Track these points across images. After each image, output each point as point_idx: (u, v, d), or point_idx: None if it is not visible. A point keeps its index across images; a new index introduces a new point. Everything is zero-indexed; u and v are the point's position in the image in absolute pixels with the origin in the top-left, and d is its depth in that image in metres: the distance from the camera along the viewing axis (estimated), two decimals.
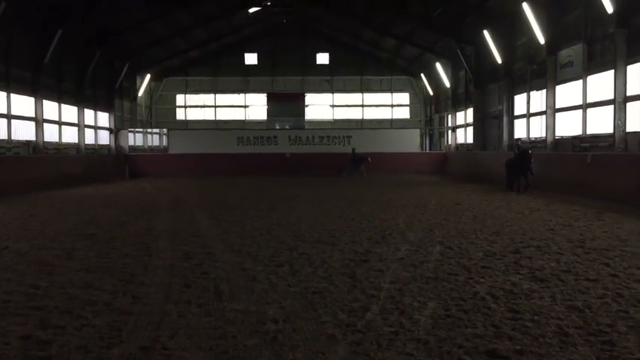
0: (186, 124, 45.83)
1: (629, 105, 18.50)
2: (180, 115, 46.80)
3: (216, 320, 5.27)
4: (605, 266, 7.43)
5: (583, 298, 5.91)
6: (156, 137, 41.03)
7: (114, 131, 36.56)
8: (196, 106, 47.03)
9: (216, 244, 9.56)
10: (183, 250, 8.96)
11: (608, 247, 8.78)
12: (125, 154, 36.40)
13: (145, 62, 39.65)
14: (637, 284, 6.44)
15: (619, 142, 18.58)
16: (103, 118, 35.46)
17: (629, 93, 18.44)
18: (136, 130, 39.97)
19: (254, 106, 46.68)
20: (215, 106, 46.86)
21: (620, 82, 18.61)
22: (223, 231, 11.01)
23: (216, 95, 46.68)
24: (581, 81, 21.65)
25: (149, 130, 42.00)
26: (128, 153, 36.71)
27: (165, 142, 39.00)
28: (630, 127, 18.42)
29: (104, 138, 35.82)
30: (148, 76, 41.67)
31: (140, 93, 41.53)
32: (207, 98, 46.95)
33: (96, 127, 34.35)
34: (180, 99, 46.79)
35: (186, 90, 46.56)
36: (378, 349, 4.50)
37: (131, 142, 38.43)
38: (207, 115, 46.88)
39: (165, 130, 40.10)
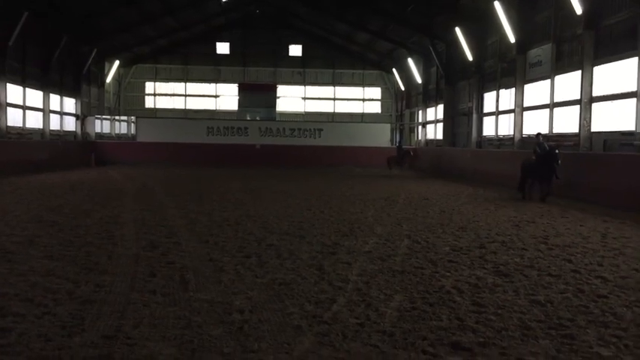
0: (156, 112, 45.12)
1: (594, 105, 18.87)
2: (149, 103, 46.06)
3: (182, 310, 5.22)
4: (567, 262, 7.59)
5: (545, 292, 6.03)
6: (124, 125, 40.31)
7: (80, 117, 35.79)
8: (166, 95, 46.32)
9: (183, 233, 9.47)
10: (148, 239, 8.84)
11: (571, 244, 8.97)
12: (91, 141, 35.70)
13: (114, 48, 38.87)
14: (597, 280, 6.59)
15: (584, 141, 18.96)
16: (70, 104, 34.66)
17: (594, 94, 18.81)
18: (104, 117, 39.22)
19: (225, 96, 46.22)
20: (185, 95, 46.23)
21: (587, 83, 18.96)
22: (190, 221, 10.90)
23: (187, 84, 46.05)
24: (549, 80, 22.00)
25: (117, 117, 41.26)
26: (95, 140, 36.01)
27: (133, 130, 38.37)
28: (595, 127, 18.81)
29: (70, 124, 35.02)
30: (117, 63, 40.82)
31: (108, 79, 40.68)
32: (177, 87, 46.29)
33: (62, 113, 33.56)
34: (149, 87, 46.04)
35: (156, 78, 45.81)
36: (344, 340, 4.52)
37: (98, 129, 37.73)
38: (177, 103, 46.25)
39: (133, 117, 39.46)
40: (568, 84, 20.72)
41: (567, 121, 20.70)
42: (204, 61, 45.39)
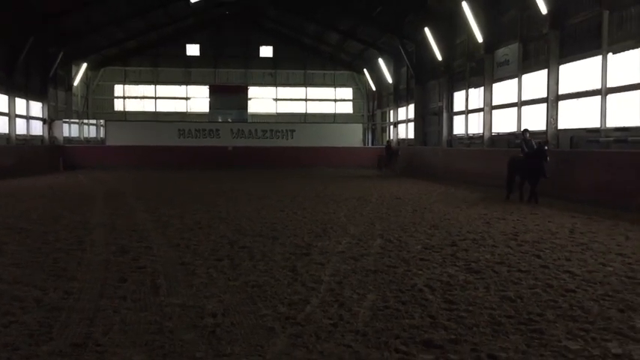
0: (125, 115, 44.52)
1: (561, 103, 19.25)
2: (118, 106, 45.44)
3: (153, 315, 5.15)
4: (537, 258, 7.72)
5: (515, 288, 6.11)
6: (92, 128, 39.67)
7: (48, 122, 35.10)
8: (135, 97, 45.76)
9: (155, 237, 9.36)
10: (119, 244, 8.72)
11: (540, 240, 9.12)
12: (59, 145, 35.05)
13: (82, 50, 38.21)
14: (565, 275, 6.71)
15: (551, 138, 19.31)
16: (36, 108, 33.95)
17: (561, 92, 19.19)
18: (72, 120, 38.51)
19: (196, 98, 45.85)
20: (155, 98, 45.74)
21: (553, 81, 19.33)
22: (162, 225, 10.78)
23: (157, 86, 45.56)
24: (516, 79, 22.37)
25: (85, 120, 40.58)
26: (62, 144, 35.37)
27: (102, 134, 37.78)
28: (562, 125, 19.18)
29: (37, 128, 34.29)
30: (85, 65, 40.15)
31: (76, 82, 39.97)
32: (147, 89, 45.77)
33: (28, 117, 32.86)
34: (118, 89, 45.42)
35: (125, 80, 45.23)
36: (317, 341, 4.51)
37: (66, 134, 37.03)
38: (147, 106, 45.72)
39: (102, 121, 38.84)
40: (535, 82, 21.09)
41: (535, 119, 21.05)
42: (174, 63, 44.98)
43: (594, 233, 9.79)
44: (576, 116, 18.56)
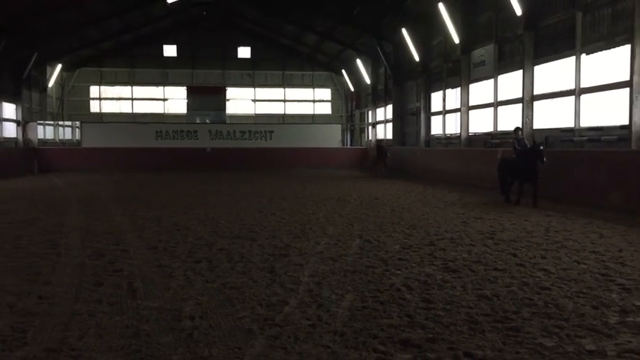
0: (101, 117, 44.00)
1: (536, 103, 19.51)
2: (94, 107, 44.88)
3: (129, 319, 5.10)
4: (513, 256, 7.81)
5: (492, 287, 6.18)
6: (68, 130, 39.12)
7: (22, 123, 34.51)
8: (112, 99, 45.25)
9: (131, 240, 9.26)
10: (95, 247, 8.61)
11: (516, 239, 9.23)
12: (34, 147, 34.48)
13: (56, 51, 37.63)
14: (541, 273, 6.81)
15: (527, 138, 19.54)
16: (10, 110, 33.35)
17: (536, 92, 19.45)
18: (46, 122, 37.92)
19: (173, 100, 45.51)
20: (132, 99, 45.28)
21: (528, 82, 19.59)
22: (138, 227, 10.68)
23: (133, 87, 45.10)
24: (492, 80, 22.62)
25: (60, 122, 40.00)
26: (37, 147, 34.81)
27: (78, 136, 37.27)
28: (537, 125, 19.44)
29: (11, 130, 33.70)
30: (59, 67, 39.55)
31: (50, 84, 39.35)
32: (123, 90, 45.28)
33: (1, 119, 32.27)
34: (94, 91, 44.85)
35: (101, 82, 44.68)
36: (296, 342, 4.51)
37: (40, 136, 36.41)
38: (124, 108, 45.24)
39: (78, 122, 38.30)
40: (511, 83, 21.35)
41: (511, 119, 21.29)
42: (151, 64, 44.59)
43: (569, 231, 9.93)
44: (551, 116, 18.83)
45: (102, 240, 9.27)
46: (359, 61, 38.99)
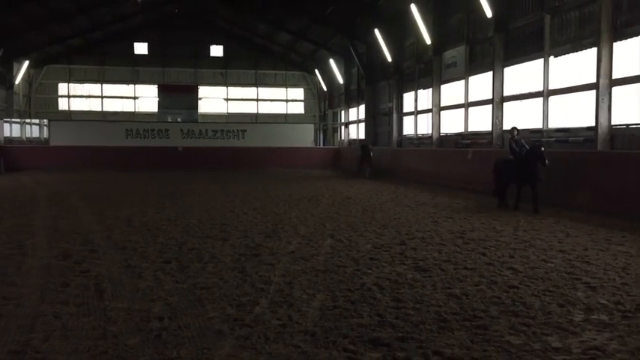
0: (70, 114, 43.21)
1: (505, 104, 19.81)
2: (63, 105, 44.07)
3: (96, 320, 5.01)
4: (482, 255, 7.91)
5: (461, 285, 6.25)
6: (35, 128, 38.33)
7: None
8: (81, 96, 44.49)
9: (100, 240, 9.12)
10: (62, 247, 8.45)
11: (485, 238, 9.35)
12: (0, 145, 33.70)
13: (23, 48, 36.84)
14: (509, 271, 6.90)
15: (496, 139, 19.85)
16: None
17: (505, 93, 19.75)
18: (13, 120, 37.11)
19: (144, 98, 44.94)
20: (102, 97, 44.60)
21: (498, 83, 19.88)
22: (107, 227, 10.51)
23: (103, 85, 44.44)
24: (463, 81, 22.89)
25: (27, 120, 39.17)
26: (3, 145, 34.02)
27: (46, 134, 36.55)
28: (506, 125, 19.71)
29: None
30: (27, 63, 38.72)
31: (17, 80, 38.51)
32: (93, 88, 44.56)
33: None
34: (62, 88, 44.05)
35: (70, 79, 43.90)
36: (266, 343, 4.49)
37: (7, 134, 35.62)
38: (94, 106, 44.53)
39: (45, 120, 37.56)
40: (481, 84, 21.63)
41: (481, 120, 21.59)
42: (121, 62, 43.96)
43: (537, 231, 10.10)
44: (520, 117, 19.12)
45: (69, 240, 9.11)
46: (332, 61, 39.07)
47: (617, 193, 12.34)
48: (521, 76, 19.02)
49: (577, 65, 16.34)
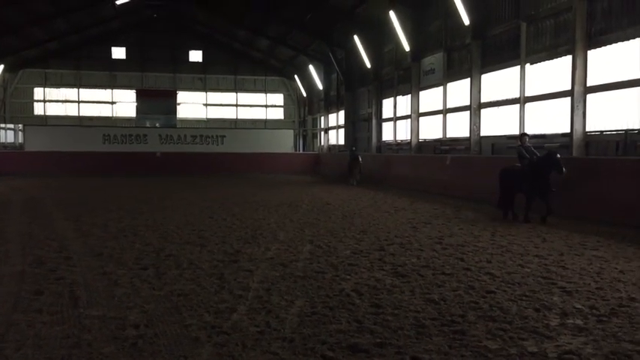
0: (46, 119, 42.60)
1: (483, 111, 20.02)
2: (38, 110, 43.41)
3: (71, 328, 4.93)
4: (460, 261, 7.96)
5: (439, 291, 6.27)
6: (10, 133, 37.74)
7: None
8: (57, 101, 43.90)
9: (75, 247, 8.98)
10: (36, 254, 8.30)
11: (463, 243, 9.42)
12: None
13: None
14: (486, 276, 6.95)
15: (474, 145, 20.05)
16: None
17: (483, 100, 19.96)
18: None
19: (122, 103, 44.50)
20: (78, 102, 44.04)
21: (476, 90, 20.09)
22: (83, 233, 10.37)
23: (80, 90, 43.89)
24: (442, 87, 23.08)
25: (2, 125, 38.52)
26: None
27: (20, 139, 35.97)
28: (484, 132, 19.95)
29: None
30: (1, 67, 38.12)
31: None
32: (69, 93, 43.98)
33: None
34: (38, 92, 43.40)
35: (46, 83, 43.30)
36: (243, 350, 4.46)
37: None
38: (70, 110, 43.95)
39: (20, 125, 36.99)
40: (459, 91, 21.84)
41: (459, 126, 21.78)
42: (98, 66, 43.49)
43: (514, 236, 10.20)
44: (497, 123, 19.35)
45: (44, 247, 8.95)
46: (311, 67, 39.13)
47: (591, 199, 12.51)
48: (499, 82, 19.25)
49: (552, 72, 16.59)
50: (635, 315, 5.35)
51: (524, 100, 17.74)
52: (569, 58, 15.36)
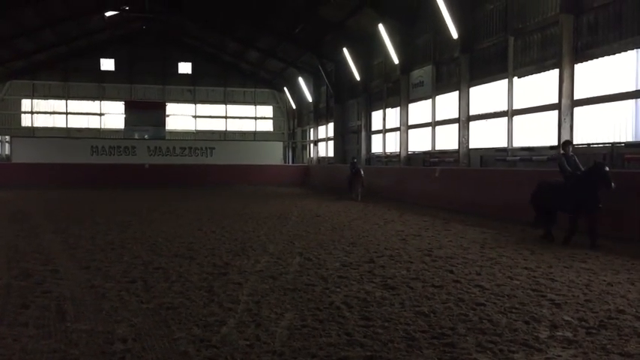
0: (33, 131, 42.34)
1: (471, 124, 20.16)
2: (26, 121, 43.15)
3: (57, 342, 4.87)
4: (449, 273, 7.96)
5: (429, 303, 6.26)
6: None
7: None
8: (45, 113, 43.66)
9: (62, 260, 8.88)
10: (22, 267, 8.20)
11: (452, 255, 9.43)
12: None
13: None
14: (476, 289, 6.96)
15: (463, 157, 20.16)
16: None
17: (471, 113, 20.11)
18: None
19: (110, 115, 44.34)
20: (67, 113, 43.83)
21: (464, 103, 20.24)
22: (70, 246, 10.26)
23: (68, 101, 43.71)
24: (430, 100, 23.23)
25: None
26: None
27: (7, 151, 35.68)
28: (473, 144, 20.08)
29: None
30: None
31: None
32: (57, 104, 43.78)
33: None
34: (26, 104, 43.16)
35: (34, 94, 43.09)
36: None
37: None
38: (58, 122, 43.71)
39: (7, 137, 36.69)
40: (448, 103, 21.99)
41: (448, 139, 21.91)
42: (87, 78, 43.38)
43: (503, 248, 10.23)
44: (486, 136, 19.48)
45: (30, 259, 8.85)
46: (301, 79, 39.25)
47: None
48: (487, 96, 19.41)
49: (540, 86, 16.76)
50: (624, 327, 5.37)
51: (512, 113, 17.89)
52: (556, 71, 15.53)
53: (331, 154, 35.86)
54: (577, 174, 10.68)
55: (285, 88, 44.17)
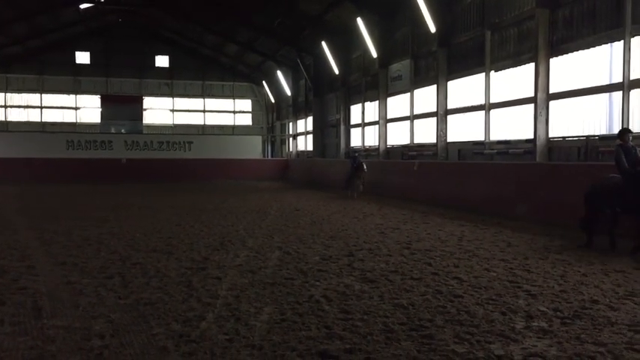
0: (7, 125, 41.53)
1: (449, 117, 20.30)
2: None
3: (33, 339, 4.81)
4: (428, 265, 8.04)
5: (407, 296, 6.32)
6: None
7: None
8: (19, 107, 42.84)
9: (38, 256, 8.77)
10: None
11: (431, 248, 9.52)
12: None
13: None
14: (454, 281, 7.04)
15: (441, 151, 20.31)
16: None
17: (449, 106, 20.24)
18: None
19: (86, 109, 43.66)
20: (41, 107, 43.07)
21: (442, 96, 20.37)
22: (46, 242, 10.14)
23: (43, 95, 42.93)
24: (409, 94, 23.32)
25: None
26: None
27: None
28: (450, 138, 20.23)
29: None
30: None
31: None
32: (31, 98, 42.98)
33: None
34: None
35: (7, 88, 42.24)
36: (212, 358, 4.42)
37: None
38: (32, 116, 42.94)
39: None
40: (426, 97, 22.09)
41: (426, 132, 22.03)
42: (62, 71, 42.58)
43: (480, 241, 10.35)
44: (463, 130, 19.64)
45: (5, 256, 8.72)
46: (279, 73, 39.09)
47: (555, 204, 12.78)
48: (464, 89, 19.54)
49: (516, 80, 16.92)
50: (598, 317, 5.48)
51: (489, 107, 18.05)
52: (532, 65, 15.69)
53: (310, 147, 35.82)
54: (631, 171, 8.87)
55: (264, 82, 43.95)
